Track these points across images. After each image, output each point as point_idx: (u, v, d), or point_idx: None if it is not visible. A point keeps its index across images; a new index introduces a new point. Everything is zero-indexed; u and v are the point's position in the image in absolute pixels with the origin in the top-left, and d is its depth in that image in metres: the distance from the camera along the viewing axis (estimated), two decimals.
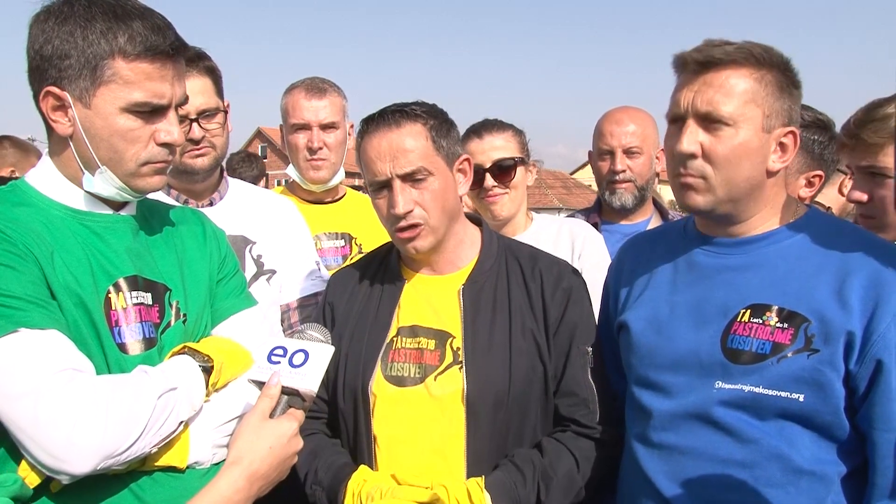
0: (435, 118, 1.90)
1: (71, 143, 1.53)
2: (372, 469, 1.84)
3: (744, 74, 1.60)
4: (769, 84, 1.61)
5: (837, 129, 2.45)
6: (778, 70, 1.63)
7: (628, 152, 2.89)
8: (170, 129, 1.56)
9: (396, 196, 1.84)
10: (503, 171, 2.57)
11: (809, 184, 2.40)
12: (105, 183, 1.55)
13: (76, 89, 1.48)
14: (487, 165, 2.56)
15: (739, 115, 1.59)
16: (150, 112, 1.53)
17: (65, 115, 1.50)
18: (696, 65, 1.62)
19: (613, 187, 2.92)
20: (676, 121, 1.68)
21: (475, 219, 2.09)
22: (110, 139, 1.51)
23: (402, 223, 1.86)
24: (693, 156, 1.63)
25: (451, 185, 1.92)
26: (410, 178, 1.84)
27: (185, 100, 1.62)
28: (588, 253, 2.56)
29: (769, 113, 1.61)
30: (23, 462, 1.40)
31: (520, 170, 2.61)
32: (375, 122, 1.88)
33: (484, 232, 2.04)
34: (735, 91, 1.59)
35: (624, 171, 2.88)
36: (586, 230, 2.68)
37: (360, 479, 1.79)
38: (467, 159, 1.99)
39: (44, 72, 1.48)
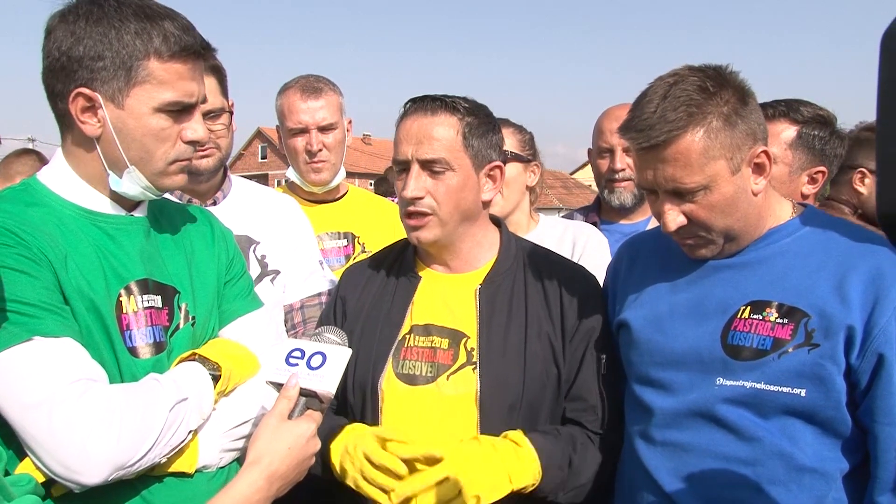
0: (474, 116, 1.88)
1: (98, 145, 1.53)
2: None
3: (691, 136, 1.55)
4: (717, 128, 1.56)
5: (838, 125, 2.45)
6: (718, 102, 1.57)
7: (629, 150, 2.87)
8: (196, 126, 1.57)
9: (410, 179, 1.84)
10: None
11: (812, 180, 2.38)
12: (132, 183, 1.55)
13: (109, 90, 1.48)
14: None
15: (705, 178, 1.57)
16: (180, 111, 1.54)
17: (94, 115, 1.50)
18: (641, 150, 1.61)
19: (613, 186, 2.88)
20: (651, 191, 1.68)
21: (495, 220, 2.08)
22: (143, 139, 1.52)
23: (410, 209, 1.86)
24: (681, 226, 1.64)
25: (472, 185, 1.89)
26: (429, 166, 1.84)
27: (205, 99, 1.63)
28: (589, 255, 2.54)
29: (731, 155, 1.58)
30: (25, 460, 1.40)
31: (513, 166, 2.57)
32: (415, 105, 1.89)
33: (503, 234, 2.03)
34: (691, 159, 1.56)
35: (623, 169, 2.84)
36: (590, 233, 2.66)
37: (353, 435, 1.77)
38: (499, 166, 1.96)
39: (73, 73, 1.47)
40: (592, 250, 2.58)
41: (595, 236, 2.66)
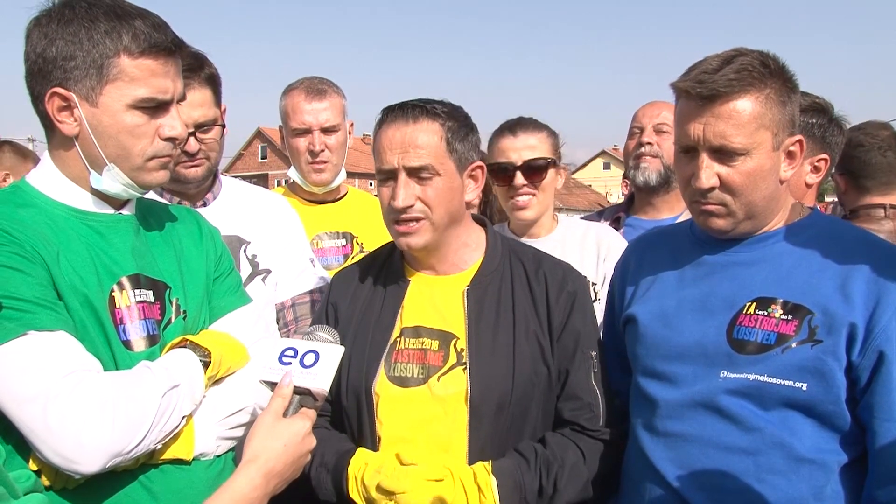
0: (454, 120, 1.89)
1: (77, 143, 1.55)
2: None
3: (749, 100, 1.61)
4: (772, 101, 1.63)
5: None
6: (776, 80, 1.64)
7: (658, 130, 2.88)
8: (173, 123, 1.59)
9: (399, 189, 1.83)
10: (535, 171, 2.53)
11: (815, 169, 2.38)
12: (112, 180, 1.57)
13: (82, 89, 1.51)
14: (519, 164, 2.52)
15: (751, 143, 1.62)
16: (155, 108, 1.56)
17: (70, 115, 1.53)
18: (700, 98, 1.63)
19: (638, 162, 2.89)
20: (688, 151, 1.70)
21: (480, 220, 2.09)
22: (118, 136, 1.54)
23: (402, 216, 1.86)
24: (712, 188, 1.66)
25: (458, 188, 1.91)
26: (416, 173, 1.84)
27: (184, 96, 1.65)
28: (613, 258, 2.52)
29: (776, 131, 1.64)
30: (32, 457, 1.44)
31: (550, 172, 2.58)
32: (394, 113, 1.88)
33: (489, 234, 2.04)
34: (743, 120, 1.61)
35: (651, 144, 2.86)
36: (612, 236, 2.68)
37: (361, 462, 1.80)
38: (480, 166, 1.97)
39: (48, 74, 1.50)
40: (617, 252, 2.58)
41: (617, 238, 2.66)
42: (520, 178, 2.52)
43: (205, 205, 2.41)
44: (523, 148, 2.54)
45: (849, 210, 2.88)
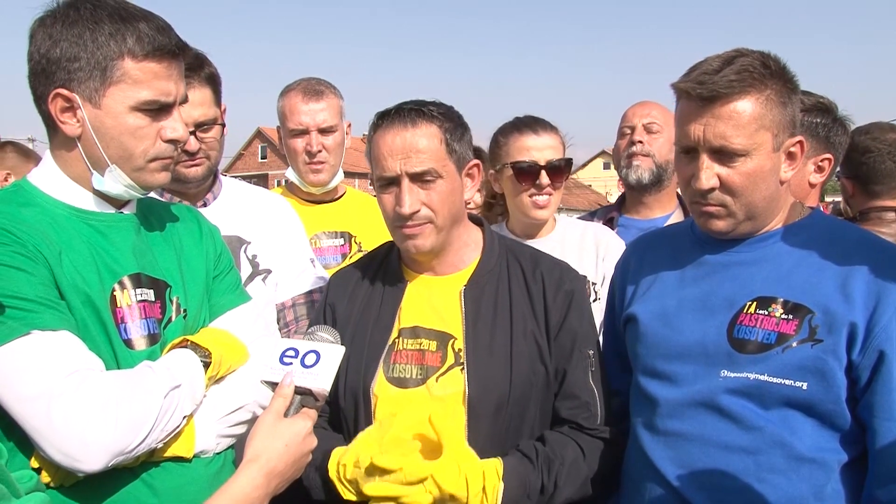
0: (451, 121, 1.89)
1: (79, 144, 1.56)
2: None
3: (749, 101, 1.61)
4: (772, 101, 1.63)
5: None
6: (777, 80, 1.64)
7: (648, 129, 2.91)
8: (175, 125, 1.60)
9: (404, 195, 1.82)
10: (558, 170, 2.55)
11: (819, 168, 2.38)
12: (114, 181, 1.59)
13: (86, 90, 1.51)
14: (543, 163, 2.53)
15: (751, 143, 1.62)
16: (157, 110, 1.57)
17: (73, 116, 1.54)
18: (700, 99, 1.63)
19: (630, 161, 2.92)
20: (688, 151, 1.70)
21: (476, 220, 2.09)
22: (120, 138, 1.55)
23: (409, 222, 1.85)
24: (712, 189, 1.66)
25: (458, 188, 1.91)
26: (419, 178, 1.83)
27: (186, 99, 1.66)
28: (612, 257, 2.54)
29: (777, 131, 1.64)
30: (35, 455, 1.45)
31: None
32: (391, 118, 1.86)
33: (486, 233, 2.04)
34: (743, 121, 1.61)
35: (642, 142, 2.89)
36: (610, 236, 2.69)
37: (337, 464, 1.73)
38: (477, 164, 1.97)
39: (51, 74, 1.51)
40: (616, 251, 2.58)
41: (616, 239, 2.68)
42: (545, 178, 2.53)
43: (205, 205, 2.41)
44: (545, 147, 2.56)
45: (858, 212, 2.89)
